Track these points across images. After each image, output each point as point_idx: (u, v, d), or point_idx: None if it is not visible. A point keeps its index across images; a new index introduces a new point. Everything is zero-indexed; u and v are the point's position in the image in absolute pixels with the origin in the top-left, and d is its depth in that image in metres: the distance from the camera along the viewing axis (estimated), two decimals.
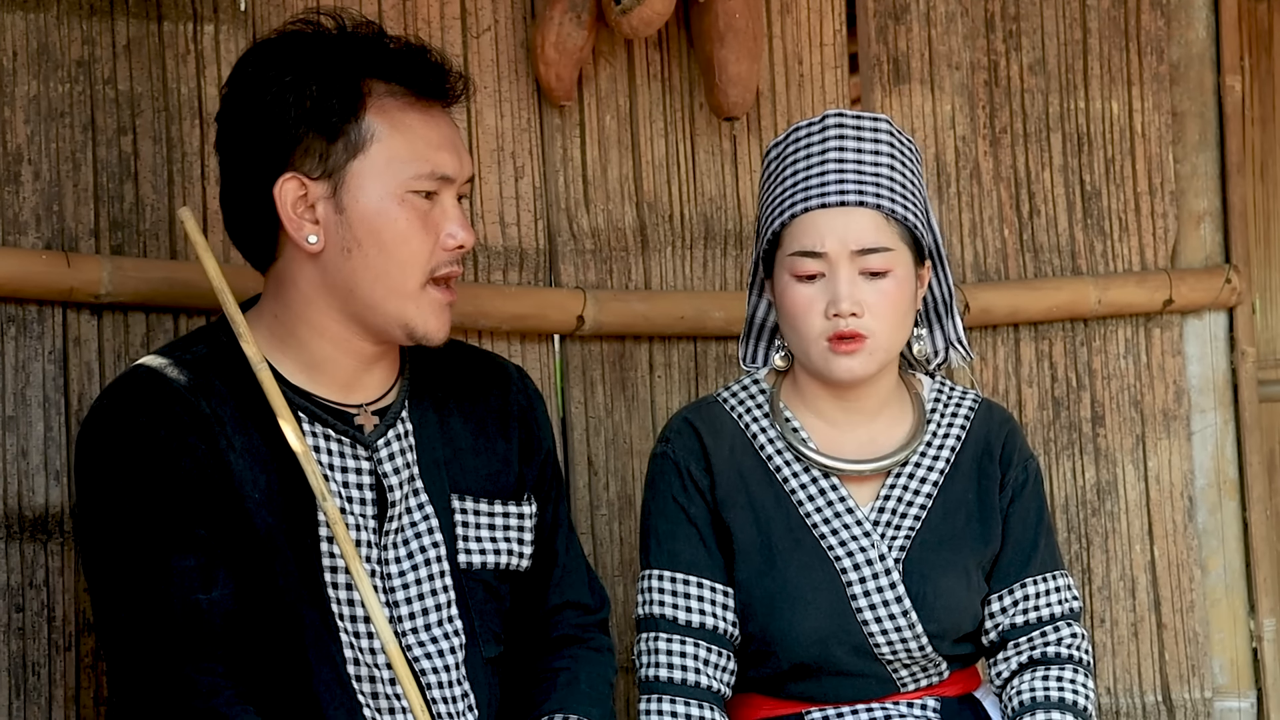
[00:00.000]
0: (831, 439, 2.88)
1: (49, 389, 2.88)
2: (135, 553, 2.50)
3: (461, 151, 2.65)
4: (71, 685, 2.87)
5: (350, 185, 2.57)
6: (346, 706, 2.56)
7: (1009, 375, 3.63)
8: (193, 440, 2.53)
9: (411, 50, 2.64)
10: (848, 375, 2.80)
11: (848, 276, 2.77)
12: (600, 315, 3.33)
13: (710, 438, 2.88)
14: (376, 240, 2.57)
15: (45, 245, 2.90)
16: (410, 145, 2.58)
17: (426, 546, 2.66)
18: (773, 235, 2.83)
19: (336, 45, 2.61)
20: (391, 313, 2.60)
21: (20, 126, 2.90)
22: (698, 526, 2.85)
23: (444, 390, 2.75)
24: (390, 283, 2.59)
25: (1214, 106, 3.77)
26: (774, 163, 2.87)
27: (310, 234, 2.59)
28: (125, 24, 2.99)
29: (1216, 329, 3.75)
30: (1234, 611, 3.72)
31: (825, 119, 2.84)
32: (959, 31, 3.62)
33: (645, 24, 3.23)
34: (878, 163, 2.81)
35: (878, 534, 2.84)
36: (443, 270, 2.61)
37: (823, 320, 2.77)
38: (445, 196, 2.62)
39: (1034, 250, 3.65)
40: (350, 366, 2.64)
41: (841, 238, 2.77)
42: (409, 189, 2.58)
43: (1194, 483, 3.71)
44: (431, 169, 2.59)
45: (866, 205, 2.78)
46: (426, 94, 2.61)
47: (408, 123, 2.59)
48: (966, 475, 2.90)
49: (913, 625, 2.81)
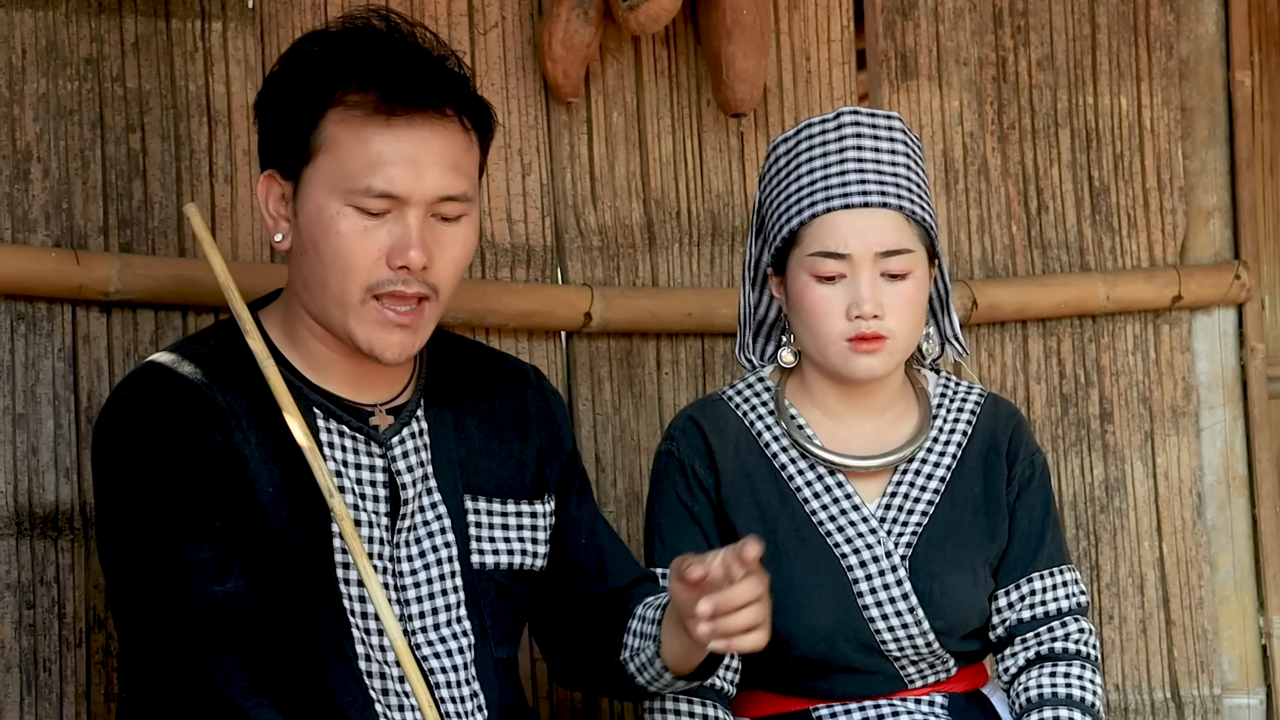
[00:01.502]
0: (837, 435, 2.88)
1: (58, 386, 2.89)
2: (151, 543, 2.51)
3: (427, 169, 2.53)
4: (82, 682, 2.88)
5: (302, 190, 2.56)
6: (359, 702, 2.56)
7: (1017, 372, 3.62)
8: (209, 433, 2.54)
9: (395, 55, 2.58)
10: (867, 375, 2.80)
11: (870, 279, 2.76)
12: (607, 312, 3.33)
13: (715, 435, 2.88)
14: (315, 248, 2.55)
15: (54, 243, 2.91)
16: (359, 159, 2.52)
17: (439, 546, 2.66)
18: (789, 234, 2.82)
19: (325, 46, 2.59)
20: (336, 321, 2.58)
21: (29, 124, 2.90)
22: (701, 525, 2.85)
23: (460, 390, 2.75)
24: (331, 293, 2.56)
25: (1223, 102, 3.76)
26: (785, 158, 2.86)
27: (278, 232, 2.60)
28: (134, 22, 3.00)
29: (1225, 325, 3.74)
30: (1243, 608, 3.72)
31: (840, 116, 2.83)
32: (967, 27, 3.62)
33: (652, 20, 3.23)
34: (895, 162, 2.81)
35: (884, 531, 2.84)
36: (385, 288, 2.54)
37: (844, 321, 2.77)
38: (404, 215, 2.54)
39: (1042, 246, 3.65)
40: (351, 366, 2.64)
41: (865, 239, 2.77)
42: (348, 202, 2.53)
43: (1203, 479, 3.71)
44: (368, 185, 2.52)
45: (889, 206, 2.78)
46: (395, 101, 2.53)
47: (364, 135, 2.53)
48: (973, 471, 2.90)
49: (919, 622, 2.81)
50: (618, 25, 3.28)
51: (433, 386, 2.72)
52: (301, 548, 2.56)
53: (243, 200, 3.08)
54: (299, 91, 2.57)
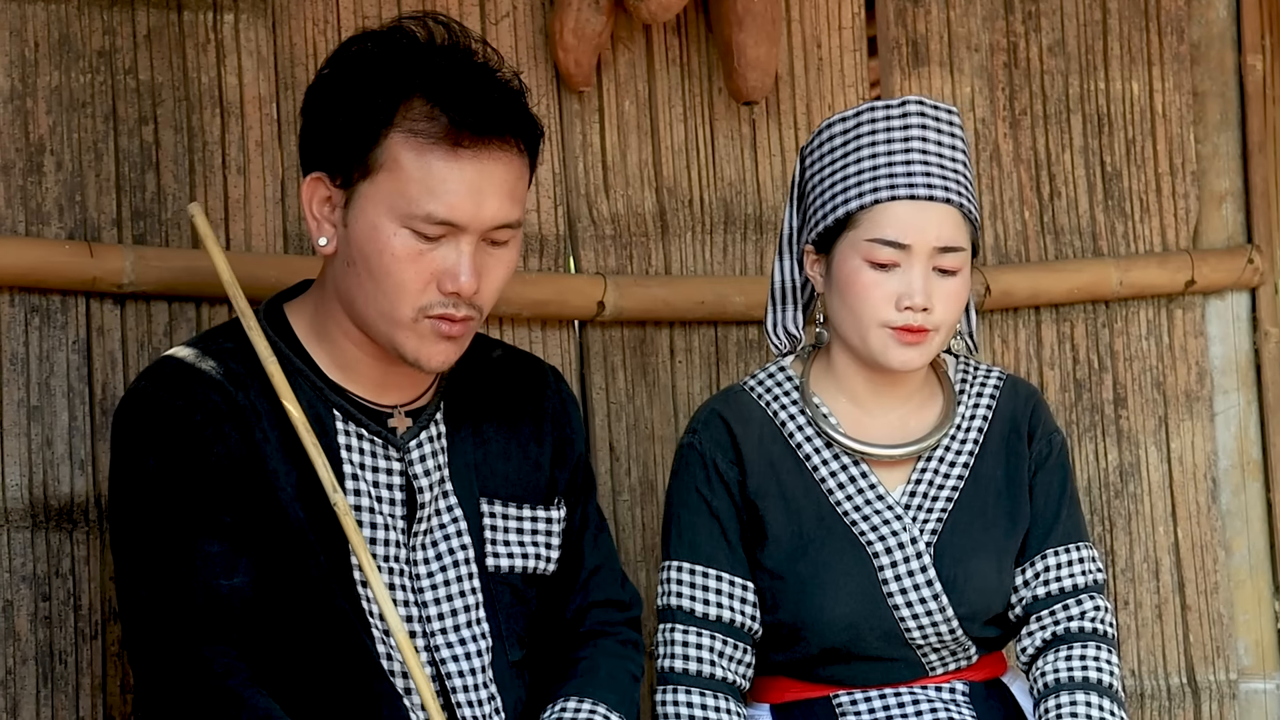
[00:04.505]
0: (862, 424, 2.88)
1: (73, 379, 2.89)
2: (161, 534, 2.52)
3: (488, 198, 2.52)
4: (98, 674, 2.88)
5: (356, 203, 2.54)
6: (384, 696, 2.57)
7: (1030, 358, 3.62)
8: (227, 428, 2.54)
9: (463, 76, 2.54)
10: (905, 366, 2.80)
11: (924, 272, 2.76)
12: (621, 301, 3.33)
13: (739, 427, 2.87)
14: (367, 264, 2.54)
15: (68, 235, 2.91)
16: (420, 183, 2.51)
17: (455, 549, 2.66)
18: (845, 215, 2.81)
19: (385, 51, 2.55)
20: (383, 334, 2.58)
21: (42, 117, 2.91)
22: (720, 519, 2.84)
23: (480, 393, 2.74)
24: (379, 307, 2.55)
25: (1235, 86, 3.75)
26: (842, 138, 2.83)
27: (323, 236, 2.58)
28: (146, 14, 3.00)
29: (1239, 309, 3.74)
30: (1258, 593, 3.71)
31: (906, 104, 2.82)
32: (978, 13, 3.61)
33: (664, 9, 3.23)
34: (955, 158, 2.82)
35: (909, 518, 2.84)
36: (436, 310, 2.54)
37: (892, 310, 2.77)
38: (459, 241, 2.53)
39: (1055, 232, 3.64)
40: (379, 369, 2.64)
41: (925, 233, 2.76)
42: (405, 225, 2.52)
43: (1217, 464, 3.70)
44: (429, 213, 2.51)
45: (951, 203, 2.79)
46: (464, 128, 2.51)
47: (428, 160, 2.51)
48: (995, 454, 2.90)
49: (944, 609, 2.81)
50: (629, 14, 3.27)
51: (453, 389, 2.72)
52: (318, 547, 2.56)
53: (255, 192, 3.08)
54: (359, 101, 2.53)
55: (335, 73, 2.58)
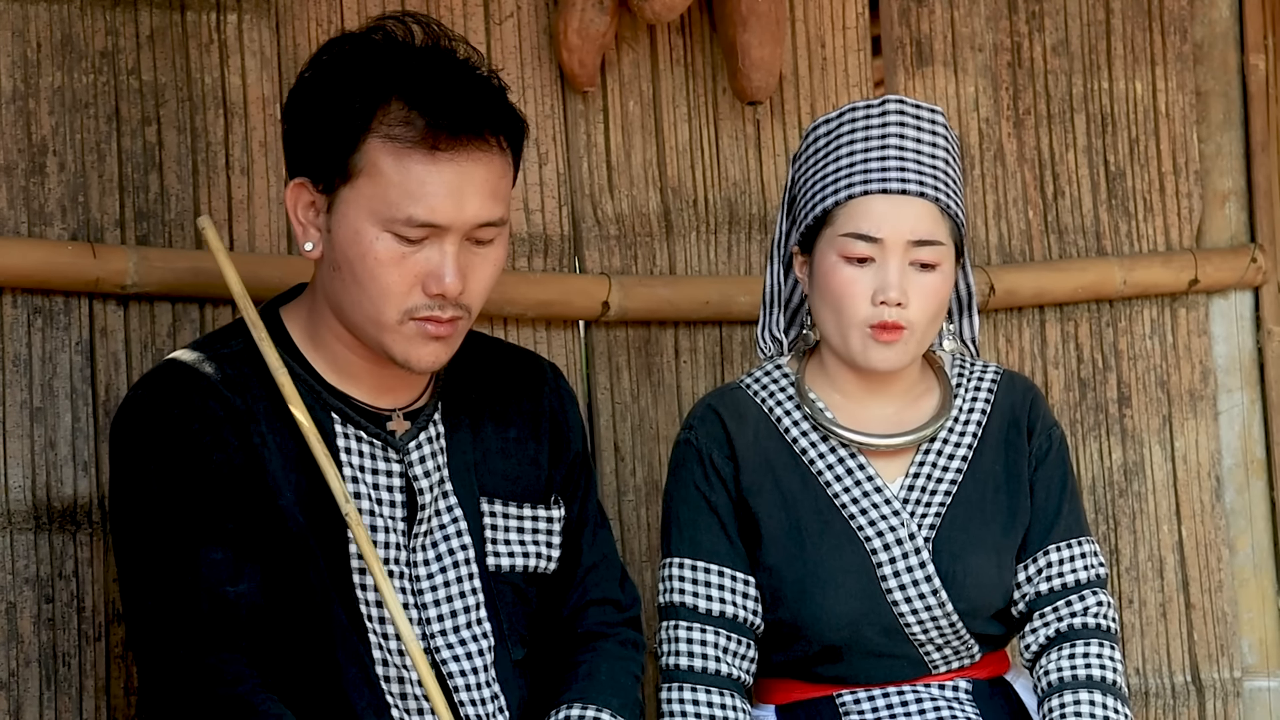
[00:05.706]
0: (858, 418, 2.87)
1: (76, 380, 2.89)
2: (165, 543, 2.51)
3: (469, 198, 2.52)
4: (102, 675, 2.88)
5: (338, 208, 2.54)
6: (375, 706, 2.56)
7: (1034, 357, 3.62)
8: (226, 435, 2.53)
9: (439, 77, 2.54)
10: (884, 366, 2.80)
11: (899, 266, 2.76)
12: (625, 301, 3.32)
13: (734, 423, 2.87)
14: (351, 269, 2.54)
15: (71, 236, 2.91)
16: (400, 187, 2.50)
17: (455, 549, 2.66)
18: (822, 213, 2.82)
19: (362, 54, 2.55)
20: (371, 337, 2.57)
21: (45, 118, 2.90)
22: (719, 515, 2.84)
23: (478, 393, 2.74)
24: (365, 311, 2.55)
25: (1238, 85, 3.75)
26: (825, 139, 2.85)
27: (308, 241, 2.58)
28: (149, 14, 3.00)
29: (1242, 308, 3.74)
30: (1263, 591, 3.72)
31: (885, 103, 2.83)
32: (981, 13, 3.61)
33: (668, 9, 3.23)
34: (935, 155, 2.81)
35: (907, 512, 2.84)
36: (422, 312, 2.54)
37: (868, 306, 2.77)
38: (442, 242, 2.53)
39: (1059, 231, 3.64)
40: (374, 371, 2.63)
41: (899, 226, 2.76)
42: (387, 229, 2.51)
43: (1221, 462, 3.71)
44: (410, 216, 2.50)
45: (926, 197, 2.78)
46: (441, 130, 2.50)
47: (407, 164, 2.50)
48: (994, 449, 2.90)
49: (943, 604, 2.80)
50: (633, 14, 3.27)
51: (450, 390, 2.72)
52: (318, 552, 2.56)
53: (259, 192, 3.07)
54: (337, 106, 2.53)
55: (313, 77, 2.58)
